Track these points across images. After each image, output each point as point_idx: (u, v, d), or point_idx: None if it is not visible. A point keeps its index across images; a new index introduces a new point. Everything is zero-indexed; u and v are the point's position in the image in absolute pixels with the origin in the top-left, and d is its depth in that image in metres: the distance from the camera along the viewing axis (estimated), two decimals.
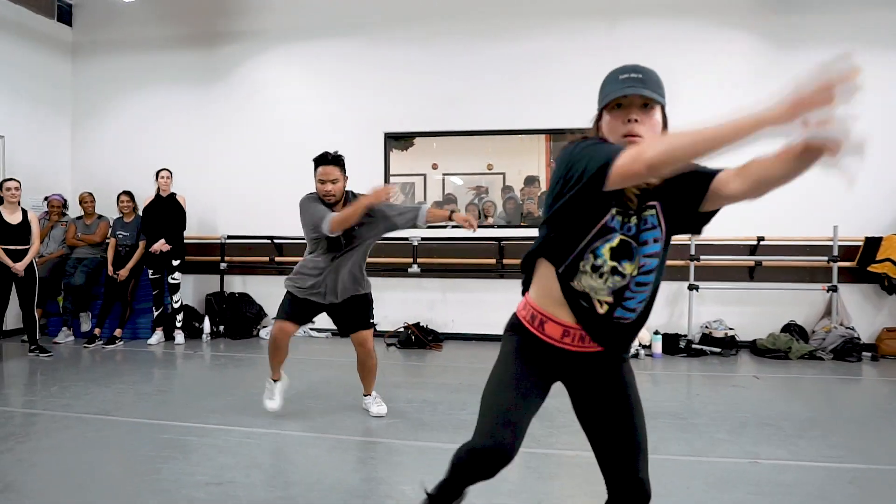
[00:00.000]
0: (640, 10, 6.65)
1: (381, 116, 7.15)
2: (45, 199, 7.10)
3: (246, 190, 7.40)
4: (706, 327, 6.28)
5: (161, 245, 6.45)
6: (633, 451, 1.66)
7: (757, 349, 6.11)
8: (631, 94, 1.54)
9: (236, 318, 7.02)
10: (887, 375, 5.38)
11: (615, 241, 1.57)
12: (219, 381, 5.10)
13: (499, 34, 6.89)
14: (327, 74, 7.29)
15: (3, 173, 6.95)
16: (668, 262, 1.74)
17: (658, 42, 6.50)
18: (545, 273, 1.70)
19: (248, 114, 7.45)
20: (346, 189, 3.69)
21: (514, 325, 1.80)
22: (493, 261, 6.75)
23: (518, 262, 4.90)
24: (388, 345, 6.47)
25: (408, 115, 7.11)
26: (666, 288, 6.54)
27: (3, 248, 5.67)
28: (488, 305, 6.84)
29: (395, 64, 7.11)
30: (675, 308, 6.49)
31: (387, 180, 7.17)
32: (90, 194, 7.04)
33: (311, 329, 7.12)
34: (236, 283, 7.42)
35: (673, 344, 6.11)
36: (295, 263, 7.02)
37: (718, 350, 6.02)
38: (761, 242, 6.30)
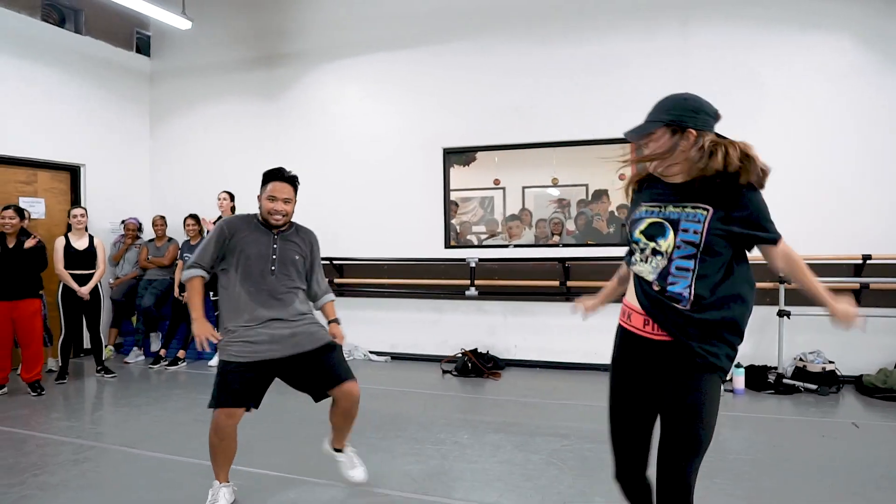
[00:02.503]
0: (714, 4, 5.99)
1: (439, 132, 6.88)
2: (122, 222, 7.38)
3: (307, 209, 7.34)
4: (800, 360, 5.49)
5: None
6: (668, 450, 1.87)
7: (863, 387, 5.26)
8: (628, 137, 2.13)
9: None
10: None
11: (644, 225, 1.96)
12: (269, 412, 4.92)
13: (562, 38, 6.44)
14: (383, 90, 7.12)
15: (86, 199, 7.31)
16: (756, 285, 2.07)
17: (730, 38, 5.85)
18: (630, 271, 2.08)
19: (307, 132, 7.42)
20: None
21: (617, 326, 2.12)
22: (556, 283, 6.27)
23: (584, 283, 5.10)
24: (445, 372, 6.16)
25: (468, 129, 6.79)
26: (752, 314, 5.79)
27: (70, 273, 5.88)
28: (552, 331, 6.37)
29: (453, 76, 6.82)
30: (763, 336, 5.73)
31: (447, 196, 6.88)
32: (161, 217, 7.25)
33: (371, 352, 6.93)
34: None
35: (759, 378, 5.39)
36: (358, 286, 7.01)
37: (815, 387, 5.24)
38: (868, 262, 5.45)
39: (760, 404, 4.99)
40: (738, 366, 5.38)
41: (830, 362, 5.38)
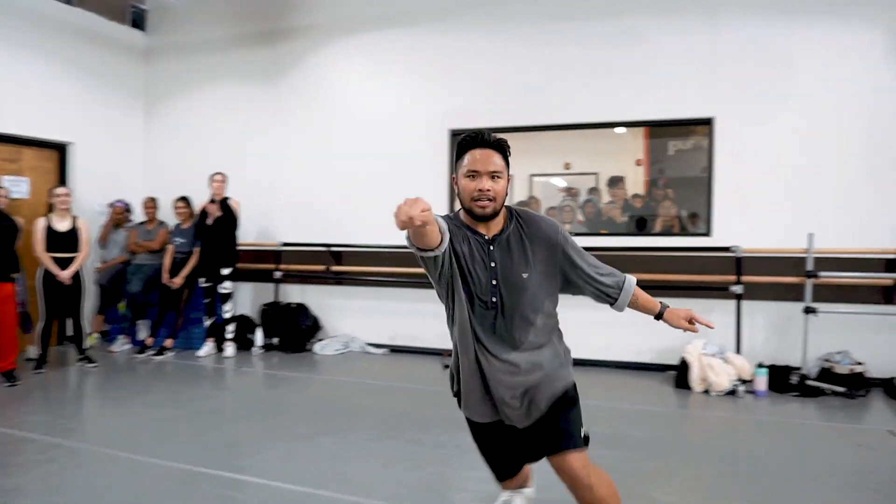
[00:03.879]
0: None
1: (446, 112, 6.50)
2: (110, 204, 7.03)
3: (305, 193, 7.01)
4: (826, 360, 5.11)
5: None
6: None
7: (894, 390, 4.91)
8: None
9: (291, 330, 6.63)
10: None
11: None
12: (257, 408, 4.60)
13: (580, 12, 6.05)
14: (389, 68, 6.75)
15: (74, 179, 6.98)
16: (780, 279, 2.14)
17: (762, 17, 5.47)
18: None
19: (307, 112, 7.05)
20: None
21: None
22: None
23: None
24: (446, 366, 5.80)
25: (476, 109, 6.41)
26: (775, 311, 5.45)
27: (52, 256, 5.56)
28: (565, 325, 6.01)
29: (462, 54, 6.44)
30: (786, 335, 5.37)
31: (452, 186, 6.52)
32: (152, 199, 6.90)
33: (369, 344, 6.61)
34: (294, 293, 7.04)
35: (782, 379, 5.03)
36: (357, 274, 6.66)
37: (842, 390, 4.88)
38: None
39: (784, 407, 4.64)
40: (761, 366, 5.03)
41: (859, 363, 5.01)
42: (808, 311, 5.12)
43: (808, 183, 5.39)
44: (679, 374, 5.19)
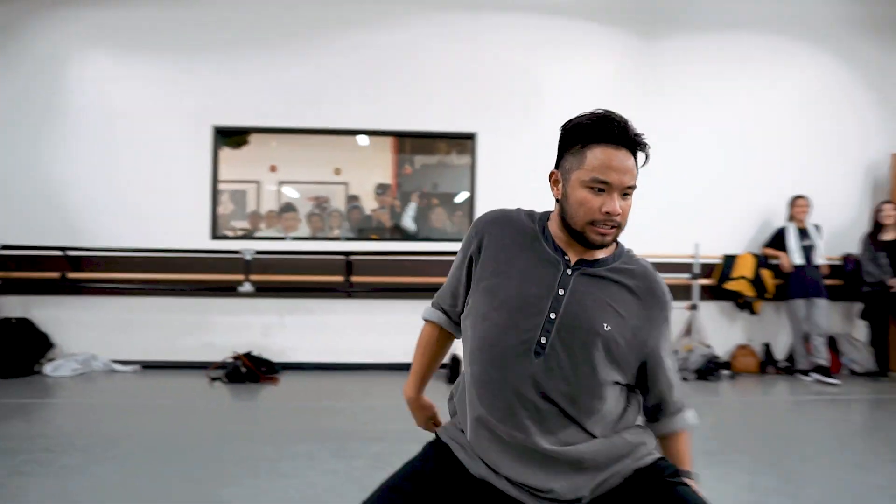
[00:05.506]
0: (504, 4, 6.18)
1: (209, 106, 6.05)
2: None
3: (32, 187, 5.94)
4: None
5: None
6: None
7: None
8: None
9: (11, 350, 5.53)
10: (740, 394, 5.23)
11: None
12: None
13: (356, 19, 6.11)
14: (141, 54, 6.06)
15: None
16: None
17: (522, 37, 6.14)
18: None
19: (34, 94, 5.99)
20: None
21: None
22: (339, 278, 5.88)
23: (370, 279, 3.96)
24: (213, 379, 5.37)
25: (244, 107, 6.08)
26: None
27: None
28: (333, 330, 5.97)
29: (228, 45, 6.05)
30: None
31: (215, 184, 6.07)
32: None
33: (115, 361, 5.81)
34: (14, 307, 5.88)
35: None
36: (100, 281, 5.81)
37: None
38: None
39: None
40: None
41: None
42: None
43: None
44: (452, 370, 5.46)
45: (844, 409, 4.84)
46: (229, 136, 6.18)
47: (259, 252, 5.83)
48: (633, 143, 1.33)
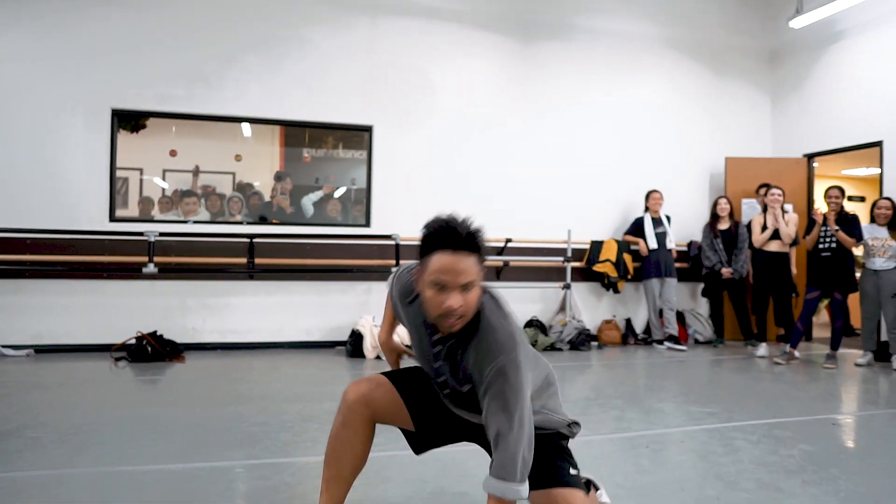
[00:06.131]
0: (401, 8, 6.67)
1: (108, 88, 6.03)
2: None
3: None
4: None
5: None
6: None
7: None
8: None
9: None
10: (607, 360, 6.07)
11: None
12: None
13: (250, 11, 6.34)
14: (29, 24, 5.94)
15: None
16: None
17: (417, 41, 6.66)
18: None
19: None
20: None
21: None
22: (242, 260, 6.10)
23: (272, 261, 4.33)
24: (118, 359, 5.42)
25: (143, 89, 6.12)
26: None
27: None
28: (236, 311, 6.18)
29: (128, 23, 6.05)
30: None
31: (113, 169, 6.07)
32: None
33: (4, 346, 5.68)
34: None
35: None
36: None
37: None
38: (509, 244, 6.70)
39: None
40: None
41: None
42: None
43: (454, 183, 6.69)
44: (354, 345, 5.86)
45: (690, 368, 5.77)
46: (127, 120, 6.21)
47: (162, 234, 5.91)
48: (469, 244, 1.57)
